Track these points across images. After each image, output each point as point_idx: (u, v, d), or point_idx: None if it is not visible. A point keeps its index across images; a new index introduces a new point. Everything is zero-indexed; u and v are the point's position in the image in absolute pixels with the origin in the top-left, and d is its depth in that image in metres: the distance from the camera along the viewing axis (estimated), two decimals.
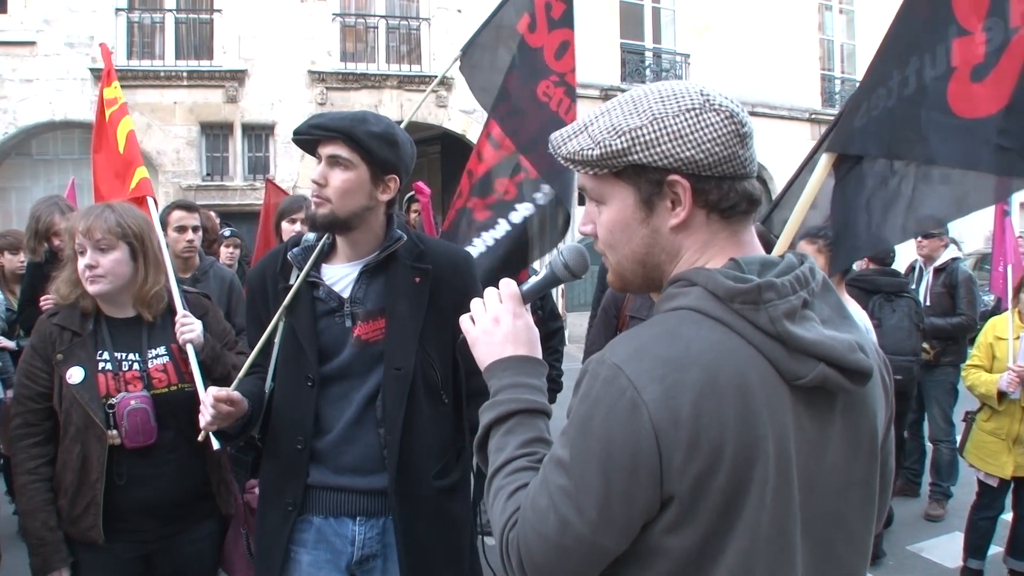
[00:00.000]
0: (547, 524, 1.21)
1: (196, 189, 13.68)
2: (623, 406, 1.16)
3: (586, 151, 1.30)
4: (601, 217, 1.37)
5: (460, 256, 2.59)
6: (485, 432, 1.46)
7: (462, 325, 1.58)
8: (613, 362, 1.20)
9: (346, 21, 15.02)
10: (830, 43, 19.26)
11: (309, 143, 2.36)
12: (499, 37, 4.24)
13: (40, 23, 13.33)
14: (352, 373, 2.37)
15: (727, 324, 1.22)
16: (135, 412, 2.63)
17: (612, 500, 1.17)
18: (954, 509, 6.05)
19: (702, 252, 1.32)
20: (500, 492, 1.34)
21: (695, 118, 1.25)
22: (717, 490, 1.16)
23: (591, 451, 1.19)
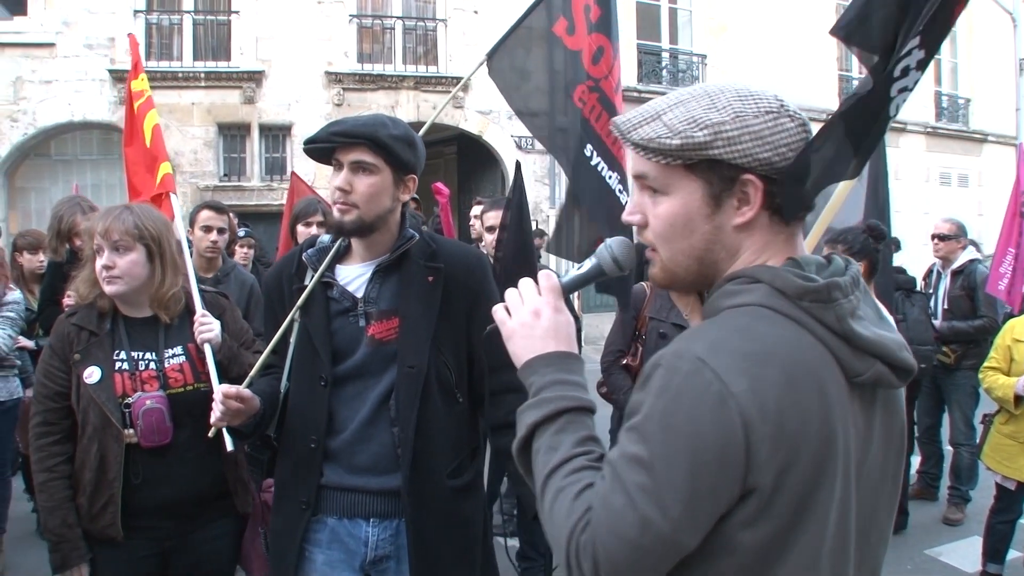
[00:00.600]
0: (625, 524, 1.16)
1: (213, 190, 13.74)
2: (710, 399, 1.15)
3: (663, 139, 1.28)
4: (659, 208, 1.35)
5: (472, 255, 2.60)
6: (530, 432, 1.37)
7: (496, 316, 1.51)
8: (695, 355, 1.18)
9: (363, 22, 15.06)
10: None
11: (322, 151, 2.36)
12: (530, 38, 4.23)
13: (59, 25, 13.43)
14: (367, 372, 2.38)
15: (797, 321, 1.24)
16: (151, 412, 2.66)
17: (698, 495, 1.15)
18: (973, 513, 6.00)
19: (761, 252, 1.33)
20: (562, 493, 1.26)
21: (773, 121, 1.28)
22: (795, 484, 1.18)
23: (676, 446, 1.15)
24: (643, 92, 16.04)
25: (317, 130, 2.37)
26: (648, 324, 4.01)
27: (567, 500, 1.24)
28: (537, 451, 1.35)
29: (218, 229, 4.78)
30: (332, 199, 2.34)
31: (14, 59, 13.35)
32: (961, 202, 19.04)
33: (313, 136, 2.34)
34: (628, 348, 4.18)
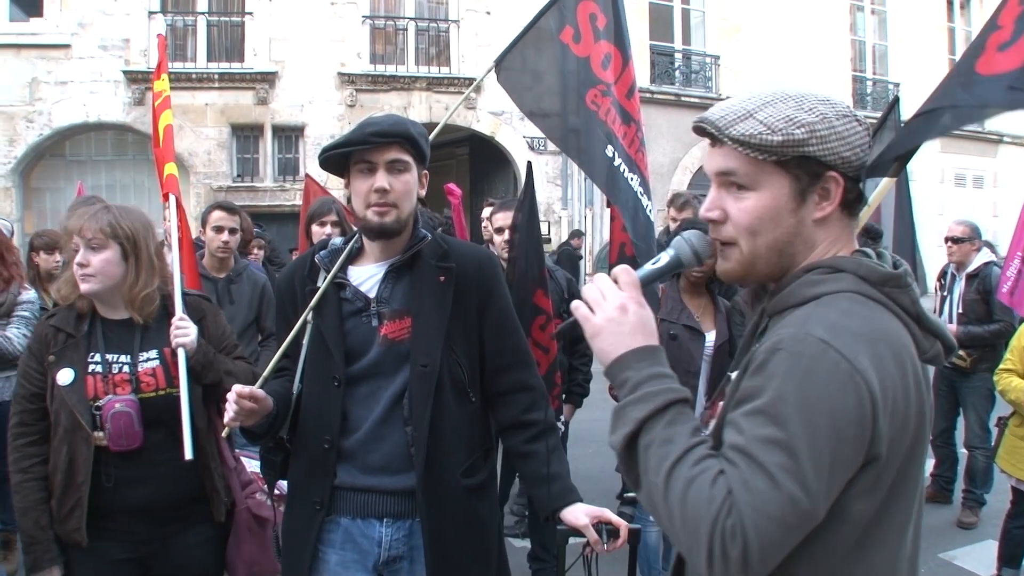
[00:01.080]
0: (772, 504, 1.20)
1: (227, 190, 13.80)
2: (841, 377, 1.23)
3: (764, 135, 1.36)
4: (745, 203, 1.42)
5: (483, 255, 2.60)
6: (638, 427, 1.36)
7: (578, 313, 1.50)
8: (817, 338, 1.26)
9: (375, 23, 15.10)
10: (862, 44, 19.07)
11: (338, 159, 2.35)
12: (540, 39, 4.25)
13: (75, 26, 13.53)
14: (380, 372, 2.38)
15: (884, 305, 1.36)
16: (119, 415, 2.62)
17: (835, 468, 1.23)
18: (987, 517, 5.95)
19: (833, 245, 1.44)
20: (695, 482, 1.26)
21: (849, 124, 1.40)
22: (900, 454, 1.30)
23: (816, 423, 1.22)
24: (656, 93, 16.05)
25: (339, 138, 2.34)
26: (660, 326, 4.00)
27: (703, 488, 1.25)
28: (649, 444, 1.35)
29: (229, 229, 4.80)
30: (367, 202, 2.32)
31: (30, 60, 13.46)
32: (976, 203, 18.95)
33: (344, 140, 2.32)
34: None
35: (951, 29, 19.95)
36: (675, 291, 4.09)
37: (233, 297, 4.82)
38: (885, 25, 19.29)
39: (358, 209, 2.36)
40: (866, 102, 18.54)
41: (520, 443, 2.47)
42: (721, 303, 4.21)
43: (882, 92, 19.00)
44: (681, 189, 15.05)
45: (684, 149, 16.39)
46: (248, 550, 2.92)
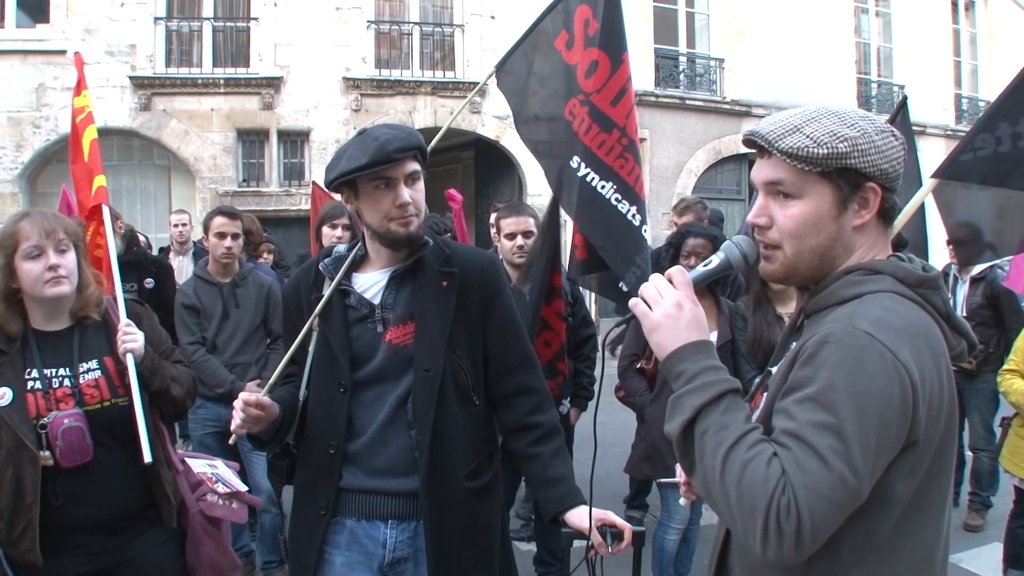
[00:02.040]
0: (823, 483, 1.32)
1: (232, 195, 13.82)
2: (887, 367, 1.36)
3: (811, 148, 1.48)
4: (790, 210, 1.55)
5: (485, 259, 2.61)
6: (695, 414, 1.49)
7: (636, 310, 1.63)
8: (864, 331, 1.39)
9: (380, 28, 15.12)
10: (866, 46, 19.04)
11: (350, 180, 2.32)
12: (537, 43, 4.28)
13: (81, 32, 13.56)
14: (385, 377, 2.40)
15: (919, 304, 1.49)
16: (70, 431, 2.53)
17: (880, 451, 1.36)
18: (994, 519, 5.94)
19: (870, 250, 1.57)
20: (751, 464, 1.38)
21: (887, 139, 1.52)
22: (936, 436, 1.44)
23: (864, 409, 1.34)
24: (660, 96, 16.06)
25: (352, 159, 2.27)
26: None
27: (759, 469, 1.37)
28: (706, 431, 1.47)
29: (232, 235, 4.79)
30: (389, 216, 2.32)
31: (36, 66, 13.50)
32: None
33: (371, 160, 2.24)
34: (643, 352, 4.19)
35: (956, 31, 19.93)
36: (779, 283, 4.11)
37: (239, 301, 4.84)
38: (889, 27, 19.26)
39: (376, 223, 2.35)
40: (871, 104, 18.50)
41: (524, 446, 2.48)
42: (724, 304, 4.22)
43: (887, 94, 18.96)
44: (686, 193, 15.07)
45: (688, 152, 16.38)
46: (207, 552, 2.90)
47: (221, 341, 4.78)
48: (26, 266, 2.58)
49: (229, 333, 4.79)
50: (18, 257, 2.58)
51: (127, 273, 5.17)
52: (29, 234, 2.58)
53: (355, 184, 2.33)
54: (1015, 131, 3.35)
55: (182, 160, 14.18)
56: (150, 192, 14.77)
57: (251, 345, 4.84)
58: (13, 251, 2.58)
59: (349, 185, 2.34)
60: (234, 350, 4.78)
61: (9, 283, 2.59)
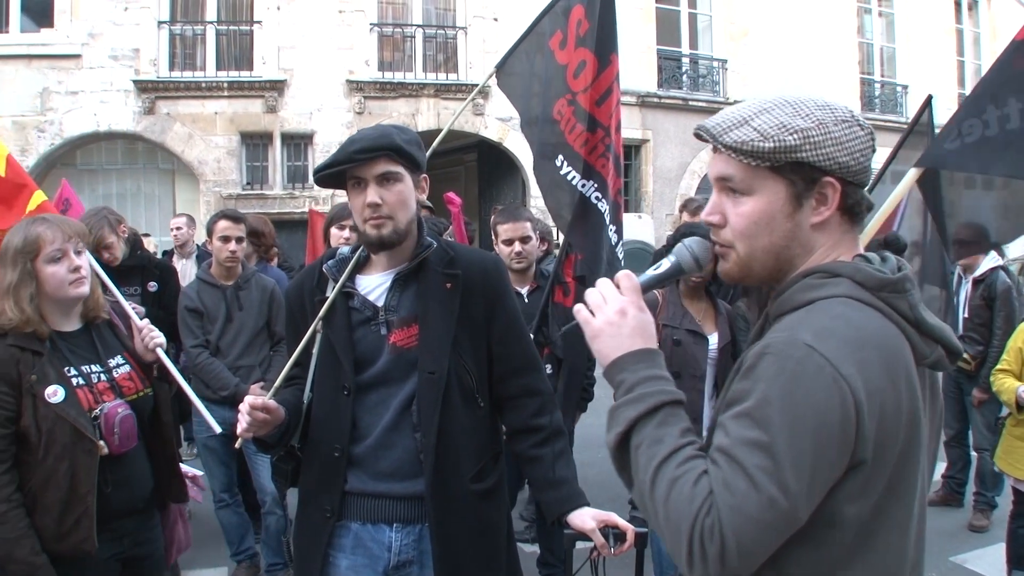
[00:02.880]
0: (750, 505, 1.24)
1: (236, 198, 13.85)
2: (825, 381, 1.25)
3: (756, 142, 1.39)
4: (741, 208, 1.45)
5: (490, 261, 2.61)
6: (630, 427, 1.41)
7: (579, 316, 1.55)
8: (804, 342, 1.29)
9: (383, 31, 15.14)
10: (869, 46, 19.02)
11: (332, 175, 2.36)
12: (538, 44, 4.30)
13: (85, 36, 13.61)
14: (390, 380, 2.40)
15: (879, 310, 1.37)
16: (126, 419, 2.73)
17: (817, 472, 1.25)
18: (999, 519, 5.91)
19: (833, 250, 1.46)
20: (679, 482, 1.31)
21: (849, 129, 1.41)
22: (892, 455, 1.32)
23: (797, 427, 1.25)
24: (663, 98, 16.06)
25: (328, 157, 2.37)
26: (662, 331, 4.02)
27: (686, 487, 1.30)
28: (639, 444, 1.40)
29: (236, 239, 4.80)
30: (363, 217, 2.34)
31: (41, 71, 13.54)
32: None
33: (331, 160, 2.34)
34: None
35: (959, 31, 19.90)
36: (676, 296, 4.10)
37: (242, 304, 4.84)
38: (893, 27, 19.24)
39: (358, 224, 2.39)
40: (874, 104, 18.50)
41: (528, 447, 2.48)
42: (721, 306, 4.22)
43: (890, 94, 18.95)
44: (690, 194, 15.06)
45: (692, 153, 16.37)
46: (179, 531, 3.24)
47: (224, 344, 4.79)
48: (50, 269, 2.69)
49: (232, 336, 4.79)
50: (40, 261, 2.69)
51: (130, 277, 5.19)
52: (53, 238, 2.69)
53: (345, 185, 2.39)
54: (1003, 113, 3.19)
55: (186, 163, 14.21)
56: (154, 196, 14.81)
57: (254, 348, 4.85)
58: (35, 256, 2.68)
59: (342, 186, 2.40)
60: (237, 353, 4.79)
61: (35, 287, 2.69)
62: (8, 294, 2.65)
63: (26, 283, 2.67)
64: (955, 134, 3.32)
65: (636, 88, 15.10)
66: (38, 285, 2.69)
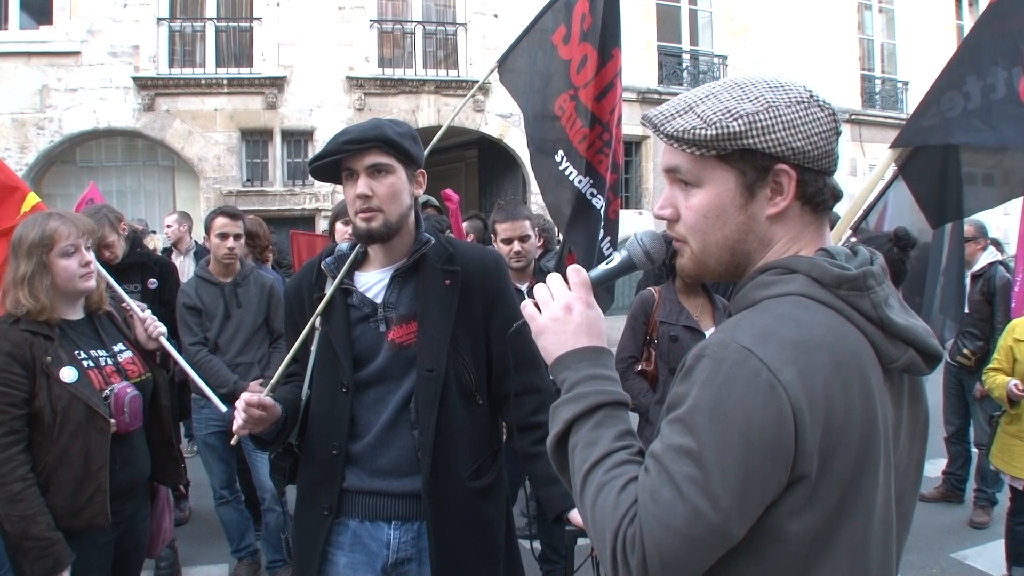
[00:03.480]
0: (675, 516, 1.15)
1: (236, 195, 13.84)
2: (760, 387, 1.15)
3: (698, 130, 1.29)
4: (691, 200, 1.36)
5: (489, 257, 2.60)
6: (567, 427, 1.36)
7: (525, 312, 1.51)
8: (741, 345, 1.19)
9: (383, 27, 15.11)
10: (870, 43, 18.99)
11: (328, 169, 2.37)
12: (540, 41, 4.29)
13: (84, 34, 13.58)
14: (388, 377, 2.39)
15: (836, 309, 1.26)
16: (135, 399, 2.91)
17: (748, 485, 1.15)
18: (1000, 516, 5.91)
19: (793, 243, 1.35)
20: (605, 488, 1.25)
21: (804, 110, 1.29)
22: (841, 469, 1.20)
23: (726, 435, 1.15)
24: (664, 94, 16.00)
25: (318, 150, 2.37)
26: (659, 328, 4.02)
27: (612, 494, 1.24)
28: (575, 446, 1.34)
29: (234, 235, 4.79)
30: (354, 209, 2.34)
31: (40, 68, 13.52)
32: None
33: (322, 152, 2.34)
34: (640, 354, 4.17)
35: (959, 27, 19.85)
36: (672, 292, 4.09)
37: (240, 301, 4.83)
38: (893, 23, 19.21)
39: (351, 217, 2.39)
40: (875, 101, 18.48)
41: (529, 444, 2.48)
42: (718, 300, 4.21)
43: (891, 91, 18.92)
44: None
45: None
46: (165, 520, 3.32)
47: (223, 341, 4.79)
48: (63, 263, 2.86)
49: (231, 333, 4.79)
50: (53, 255, 2.85)
51: (130, 274, 5.18)
52: (67, 234, 2.86)
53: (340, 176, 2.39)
54: (986, 84, 3.01)
55: (186, 160, 14.19)
56: (154, 193, 14.79)
57: (253, 345, 4.85)
58: (49, 250, 2.84)
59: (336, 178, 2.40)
60: (236, 350, 4.79)
61: (49, 278, 2.84)
62: (23, 284, 2.81)
63: (41, 274, 2.82)
64: (933, 110, 3.18)
65: (637, 84, 15.07)
66: (53, 276, 2.85)
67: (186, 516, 5.93)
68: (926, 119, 3.18)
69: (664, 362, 3.99)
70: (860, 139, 17.69)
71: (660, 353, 4.02)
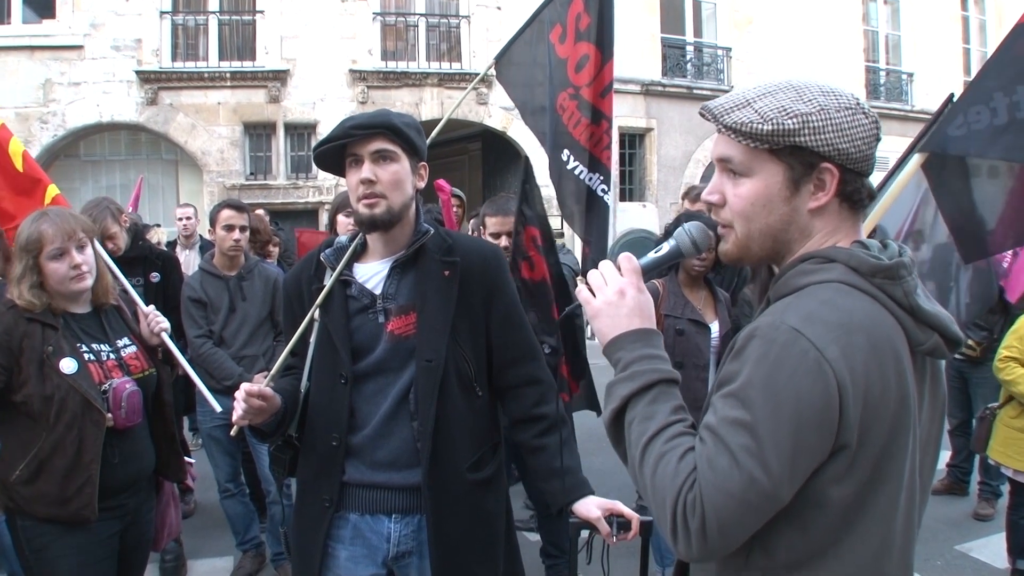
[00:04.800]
0: (732, 482, 1.27)
1: (240, 188, 13.86)
2: (809, 365, 1.27)
3: (756, 124, 1.39)
4: (740, 189, 1.46)
5: (489, 249, 2.59)
6: (624, 403, 1.47)
7: (580, 296, 1.60)
8: (790, 326, 1.30)
9: (386, 20, 15.11)
10: (874, 34, 18.93)
11: (332, 159, 2.37)
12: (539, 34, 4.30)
13: (87, 27, 13.59)
14: (387, 368, 2.39)
15: (871, 295, 1.37)
16: (133, 395, 2.90)
17: (798, 453, 1.27)
18: (1004, 508, 5.90)
19: (831, 235, 1.46)
20: (665, 457, 1.36)
21: (852, 116, 1.40)
22: (877, 441, 1.32)
23: (779, 408, 1.26)
24: (667, 86, 16.01)
25: (323, 136, 2.36)
26: (664, 322, 4.01)
27: (672, 463, 1.35)
28: (632, 420, 1.45)
29: (240, 227, 4.79)
30: (357, 196, 2.34)
31: (43, 62, 13.54)
32: None
33: (328, 136, 2.33)
34: None
35: (965, 18, 19.80)
36: (675, 286, 4.09)
37: (245, 294, 4.83)
38: (898, 15, 19.15)
39: (353, 204, 2.38)
40: (879, 92, 18.42)
41: (531, 437, 2.47)
42: (720, 294, 4.21)
43: (895, 82, 18.87)
44: (694, 182, 15.01)
45: (696, 142, 16.33)
46: (171, 515, 3.35)
47: (228, 334, 4.78)
48: (52, 266, 2.86)
49: (236, 326, 4.79)
50: (43, 257, 2.86)
51: (133, 268, 5.17)
52: (53, 238, 2.85)
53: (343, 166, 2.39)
54: (1012, 101, 3.14)
55: (189, 154, 14.21)
56: (158, 186, 14.81)
57: (258, 338, 4.84)
58: (39, 253, 2.85)
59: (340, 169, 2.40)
60: (241, 343, 4.78)
61: (38, 278, 2.86)
62: (17, 284, 2.86)
63: (28, 276, 2.85)
64: (960, 121, 3.28)
65: (640, 76, 15.06)
66: (44, 277, 2.87)
67: (191, 509, 5.94)
68: (953, 128, 3.28)
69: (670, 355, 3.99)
70: None
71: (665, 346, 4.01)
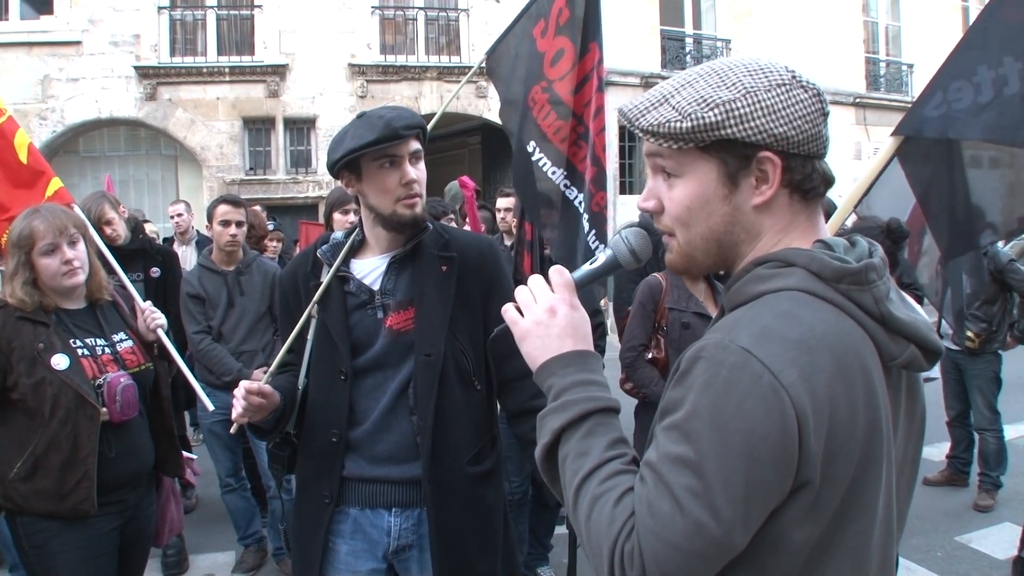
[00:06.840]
0: (674, 530, 1.09)
1: (239, 183, 13.85)
2: (762, 392, 1.08)
3: (673, 123, 1.22)
4: (674, 192, 1.29)
5: (485, 244, 2.60)
6: (555, 438, 1.29)
7: (506, 316, 1.44)
8: (740, 346, 1.11)
9: (385, 14, 15.07)
10: (874, 25, 18.89)
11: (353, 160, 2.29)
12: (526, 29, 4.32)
13: (85, 23, 13.58)
14: (386, 364, 2.39)
15: (836, 304, 1.19)
16: (128, 388, 2.91)
17: (753, 494, 1.09)
18: (1004, 499, 5.93)
19: (784, 233, 1.28)
20: (599, 500, 1.19)
21: (786, 93, 1.22)
22: (846, 472, 1.14)
23: (728, 443, 1.08)
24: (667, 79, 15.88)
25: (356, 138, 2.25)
26: (669, 315, 4.00)
27: (607, 507, 1.18)
28: (565, 457, 1.27)
29: (236, 223, 4.79)
30: (395, 196, 2.31)
31: (41, 58, 13.52)
32: None
33: (378, 137, 2.22)
34: (649, 342, 4.16)
35: (965, 8, 19.73)
36: (678, 279, 4.08)
37: (243, 289, 4.84)
38: (898, 6, 19.09)
39: (383, 205, 2.33)
40: (880, 84, 18.39)
41: (528, 430, 2.46)
42: (719, 286, 4.22)
43: (896, 73, 18.83)
44: None
45: None
46: (172, 511, 3.36)
47: (227, 329, 4.79)
48: (44, 262, 2.87)
49: (235, 321, 4.80)
50: (35, 253, 2.87)
51: (132, 262, 5.17)
52: (44, 233, 2.86)
53: (359, 166, 2.32)
54: (998, 75, 2.79)
55: (188, 149, 14.20)
56: (157, 182, 14.81)
57: (257, 333, 4.85)
58: (30, 249, 2.87)
59: (352, 168, 2.33)
60: (240, 338, 4.79)
61: (30, 275, 2.88)
62: (9, 281, 2.89)
63: (21, 273, 2.87)
64: (939, 99, 2.97)
65: (639, 69, 15.02)
66: (36, 274, 2.88)
67: (193, 504, 5.96)
68: (931, 107, 2.97)
69: (675, 349, 3.98)
70: (864, 122, 17.62)
71: (671, 340, 4.01)
